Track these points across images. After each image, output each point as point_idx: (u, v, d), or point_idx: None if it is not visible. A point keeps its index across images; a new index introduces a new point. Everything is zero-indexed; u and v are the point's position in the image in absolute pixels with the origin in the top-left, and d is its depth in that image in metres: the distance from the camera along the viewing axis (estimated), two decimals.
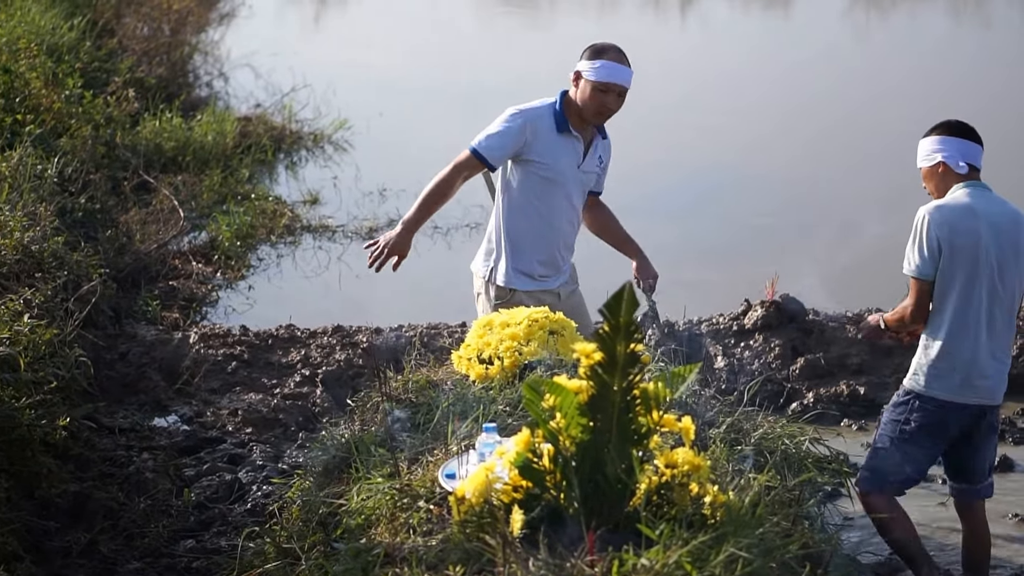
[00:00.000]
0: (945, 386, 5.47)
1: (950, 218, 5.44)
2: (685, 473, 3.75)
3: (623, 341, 3.66)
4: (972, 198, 5.50)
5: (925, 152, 5.68)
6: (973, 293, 5.45)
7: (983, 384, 5.50)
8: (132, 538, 5.95)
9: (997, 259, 5.46)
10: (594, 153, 6.24)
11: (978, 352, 5.47)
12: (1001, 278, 5.48)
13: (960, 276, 5.43)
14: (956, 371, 5.46)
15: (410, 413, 4.87)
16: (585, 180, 6.23)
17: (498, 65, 19.50)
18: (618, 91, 6.04)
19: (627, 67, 6.07)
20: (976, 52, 20.37)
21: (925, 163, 5.67)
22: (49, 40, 12.66)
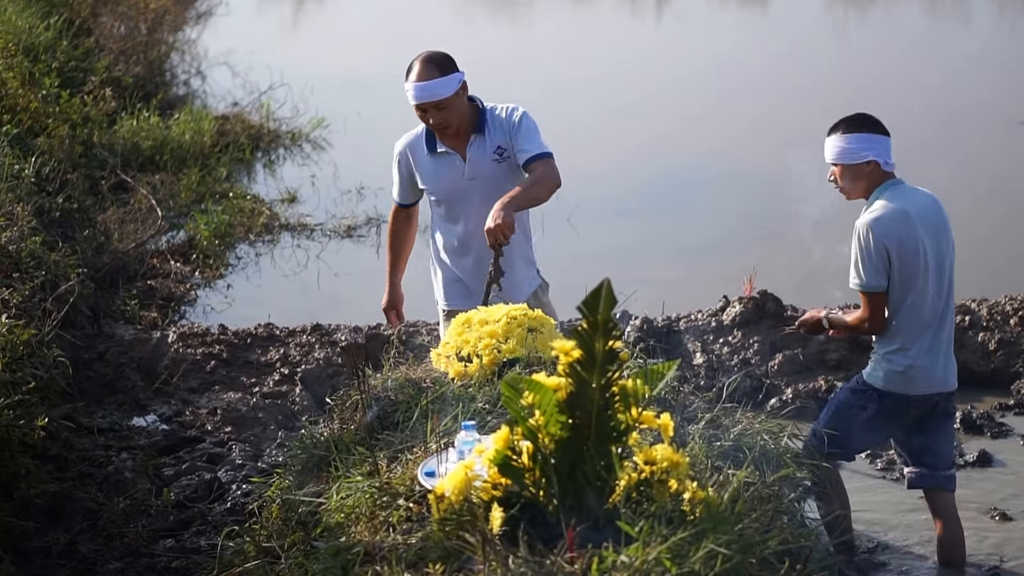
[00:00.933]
0: (904, 382, 5.66)
1: (893, 228, 5.57)
2: (664, 470, 3.76)
3: (601, 338, 3.66)
4: (901, 200, 5.64)
5: (849, 150, 5.69)
6: (923, 293, 5.62)
7: (939, 375, 5.69)
8: (111, 538, 5.94)
9: (935, 255, 5.64)
10: (481, 152, 5.91)
11: (932, 347, 5.66)
12: (940, 270, 5.66)
13: (910, 280, 5.59)
14: (914, 368, 5.64)
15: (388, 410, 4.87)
16: (491, 180, 5.87)
17: (476, 63, 19.48)
18: (434, 106, 5.80)
19: (431, 79, 5.76)
20: (954, 48, 20.43)
21: (850, 160, 5.68)
22: (25, 39, 12.61)
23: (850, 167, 5.69)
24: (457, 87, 5.80)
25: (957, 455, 7.15)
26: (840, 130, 5.73)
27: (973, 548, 6.19)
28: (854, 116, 5.76)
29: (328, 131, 14.79)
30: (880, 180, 5.69)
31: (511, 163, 5.87)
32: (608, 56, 19.32)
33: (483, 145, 5.90)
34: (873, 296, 5.61)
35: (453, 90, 5.78)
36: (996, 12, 24.49)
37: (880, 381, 5.69)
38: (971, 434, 7.49)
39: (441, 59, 5.82)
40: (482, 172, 5.89)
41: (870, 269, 5.58)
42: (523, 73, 18.28)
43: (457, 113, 5.83)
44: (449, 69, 5.81)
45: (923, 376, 5.66)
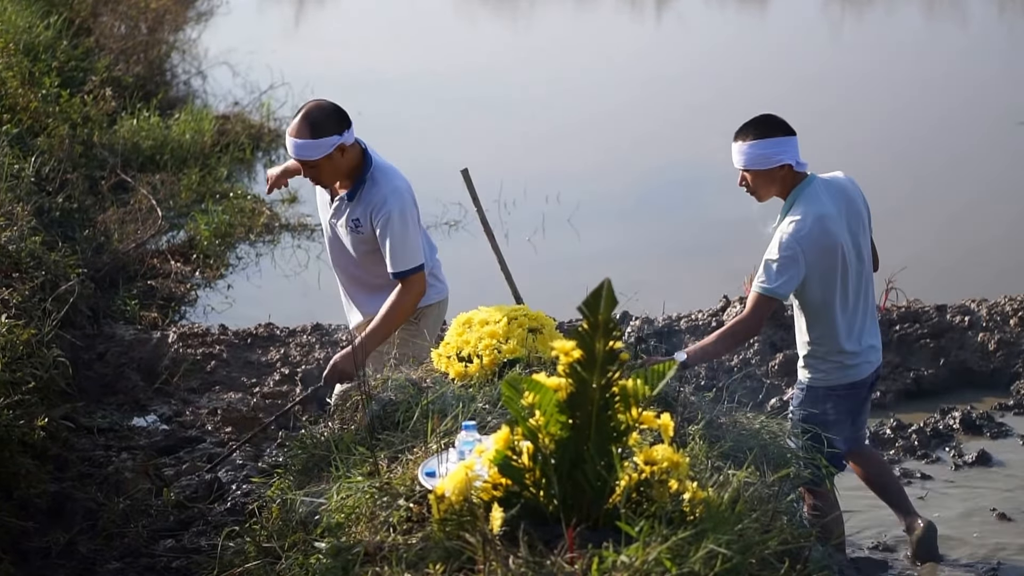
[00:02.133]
0: (847, 373, 5.80)
1: (822, 242, 5.60)
2: (664, 470, 3.76)
3: (602, 338, 3.67)
4: (818, 202, 5.63)
5: (761, 155, 5.63)
6: (849, 289, 5.71)
7: (875, 356, 5.88)
8: (111, 538, 5.94)
9: (853, 247, 5.70)
10: (343, 213, 5.89)
11: (864, 333, 5.81)
12: (860, 259, 5.74)
13: (835, 281, 5.66)
14: (854, 357, 5.78)
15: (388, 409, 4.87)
16: (345, 239, 5.93)
17: (477, 64, 19.49)
18: (303, 163, 5.75)
19: (301, 139, 5.68)
20: (952, 48, 20.43)
21: (764, 166, 5.63)
22: (25, 39, 12.61)
23: (763, 172, 5.65)
24: (328, 151, 5.66)
25: (956, 454, 7.17)
26: (750, 135, 5.65)
27: (973, 548, 6.21)
28: (761, 119, 5.71)
29: None
30: (794, 181, 5.68)
31: (366, 238, 5.85)
32: (608, 56, 19.33)
33: (347, 208, 5.86)
34: (767, 300, 5.61)
35: (322, 154, 5.66)
36: (995, 12, 24.49)
37: (825, 380, 5.79)
38: (971, 434, 7.50)
39: (320, 119, 5.70)
40: (340, 229, 5.93)
41: (782, 278, 5.56)
42: (524, 73, 18.30)
43: (329, 173, 5.76)
44: (324, 132, 5.67)
45: (860, 362, 5.80)
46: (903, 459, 7.18)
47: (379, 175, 5.82)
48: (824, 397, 5.81)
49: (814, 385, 5.82)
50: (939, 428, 7.50)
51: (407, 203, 5.83)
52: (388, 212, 5.74)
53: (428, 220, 11.79)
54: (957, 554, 6.17)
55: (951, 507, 6.63)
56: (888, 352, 8.31)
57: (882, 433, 7.41)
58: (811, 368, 5.83)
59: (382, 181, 5.81)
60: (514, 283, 7.33)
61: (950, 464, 7.13)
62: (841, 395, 5.81)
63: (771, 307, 5.69)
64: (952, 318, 8.49)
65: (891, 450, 7.24)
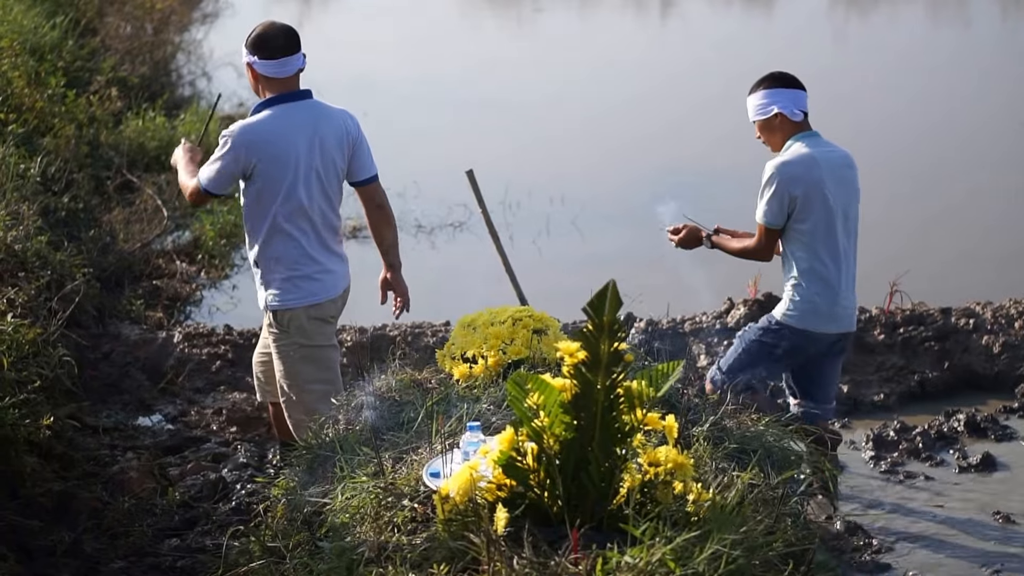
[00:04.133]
0: (815, 321, 6.14)
1: (798, 172, 6.00)
2: (669, 471, 3.77)
3: (607, 340, 3.67)
4: (811, 148, 6.06)
5: (759, 106, 6.14)
6: (831, 236, 6.08)
7: (845, 315, 6.19)
8: (116, 537, 5.95)
9: (841, 200, 6.09)
10: None
11: (840, 287, 6.14)
12: (846, 216, 6.12)
13: (818, 223, 6.03)
14: (825, 307, 6.11)
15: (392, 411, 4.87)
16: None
17: (481, 64, 19.50)
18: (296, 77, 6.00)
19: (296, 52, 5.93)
20: (956, 48, 20.42)
21: (761, 116, 6.13)
22: (31, 39, 12.62)
23: (764, 122, 6.15)
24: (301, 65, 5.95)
25: (961, 457, 7.17)
26: (752, 91, 6.19)
27: (977, 551, 6.20)
28: (765, 75, 6.23)
29: None
30: (792, 130, 6.11)
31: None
32: (613, 57, 19.33)
33: None
34: (768, 231, 6.12)
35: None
36: (998, 14, 24.47)
37: (793, 319, 6.15)
38: (975, 437, 7.50)
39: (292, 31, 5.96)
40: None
41: (771, 208, 6.05)
42: (528, 74, 18.30)
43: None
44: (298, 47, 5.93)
45: (831, 314, 6.12)
46: (907, 461, 7.18)
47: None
48: (784, 334, 6.17)
49: (782, 321, 6.17)
50: (943, 431, 7.50)
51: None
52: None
53: (433, 221, 11.83)
54: (961, 557, 6.17)
55: (955, 510, 6.63)
56: (892, 354, 8.32)
57: (886, 435, 7.40)
58: (786, 304, 6.18)
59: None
60: (519, 284, 7.35)
61: (954, 467, 7.13)
62: (799, 339, 6.15)
63: (772, 236, 6.13)
64: (957, 321, 8.48)
65: (895, 452, 7.24)
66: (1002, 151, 14.14)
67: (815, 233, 6.06)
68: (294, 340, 5.83)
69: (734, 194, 12.65)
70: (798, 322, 6.15)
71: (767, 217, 6.08)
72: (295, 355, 5.85)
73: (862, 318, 8.56)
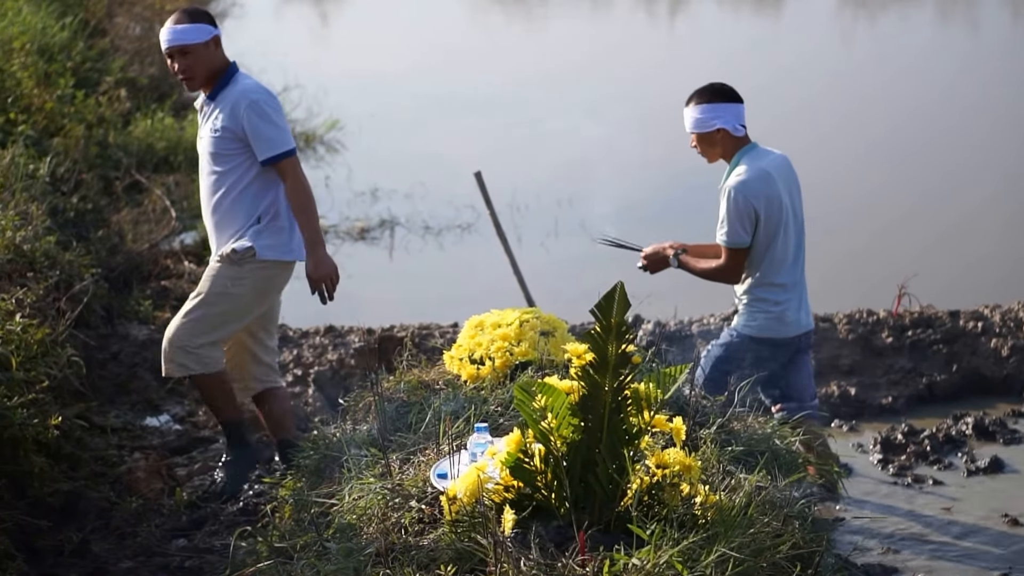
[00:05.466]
0: (779, 327, 6.21)
1: (757, 188, 6.06)
2: (676, 473, 3.77)
3: (614, 342, 3.67)
4: (760, 161, 6.13)
5: (700, 120, 6.15)
6: (785, 243, 6.17)
7: (805, 318, 6.29)
8: (124, 537, 5.96)
9: (792, 207, 6.20)
10: (207, 117, 6.09)
11: (800, 294, 6.26)
12: (796, 220, 6.24)
13: (775, 233, 6.13)
14: (787, 314, 6.20)
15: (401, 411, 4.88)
16: (205, 146, 6.09)
17: (490, 66, 19.51)
18: (177, 51, 5.98)
19: (181, 24, 5.96)
20: (966, 52, 20.40)
21: (701, 129, 6.15)
22: (41, 40, 12.64)
23: (704, 135, 6.17)
24: (206, 38, 5.98)
25: (969, 460, 7.16)
26: (693, 101, 6.18)
27: (985, 553, 6.20)
28: (707, 87, 6.22)
29: (342, 133, 14.81)
30: (735, 145, 6.16)
31: (225, 144, 6.02)
32: (622, 60, 19.33)
33: (211, 110, 6.08)
34: (736, 251, 6.12)
35: (200, 39, 5.96)
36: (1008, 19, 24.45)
37: (755, 330, 6.20)
38: (983, 440, 7.48)
39: (197, 11, 6.05)
40: (204, 135, 6.12)
41: (737, 228, 6.08)
42: (536, 76, 18.30)
43: (203, 65, 5.99)
44: (202, 20, 6.01)
45: (792, 318, 6.21)
46: (915, 464, 7.17)
47: (240, 77, 6.07)
48: (748, 346, 6.21)
49: (744, 332, 6.22)
50: (952, 434, 7.49)
51: (271, 95, 6.06)
52: (253, 99, 5.96)
53: (441, 223, 11.84)
54: (969, 560, 6.16)
55: (963, 513, 6.62)
56: (901, 357, 8.31)
57: (894, 438, 7.40)
58: (746, 316, 6.23)
59: (243, 80, 6.06)
60: (526, 286, 7.35)
61: (963, 470, 7.12)
62: (764, 349, 6.20)
63: (740, 257, 6.14)
64: (965, 324, 8.48)
65: (903, 455, 7.24)
66: (1011, 155, 14.12)
67: (775, 243, 6.13)
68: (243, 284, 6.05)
69: None
70: (759, 331, 6.20)
71: (733, 238, 6.09)
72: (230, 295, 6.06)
73: (870, 320, 8.55)
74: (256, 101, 5.93)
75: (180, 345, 6.05)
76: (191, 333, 6.05)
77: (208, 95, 6.05)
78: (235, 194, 6.03)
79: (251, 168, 6.02)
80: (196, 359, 6.07)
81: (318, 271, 5.97)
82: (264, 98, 5.97)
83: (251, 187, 6.04)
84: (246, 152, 6.00)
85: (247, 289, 6.06)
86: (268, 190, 6.05)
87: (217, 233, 6.11)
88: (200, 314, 6.05)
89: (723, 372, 6.18)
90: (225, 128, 5.97)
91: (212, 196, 6.08)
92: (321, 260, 5.97)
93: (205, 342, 6.06)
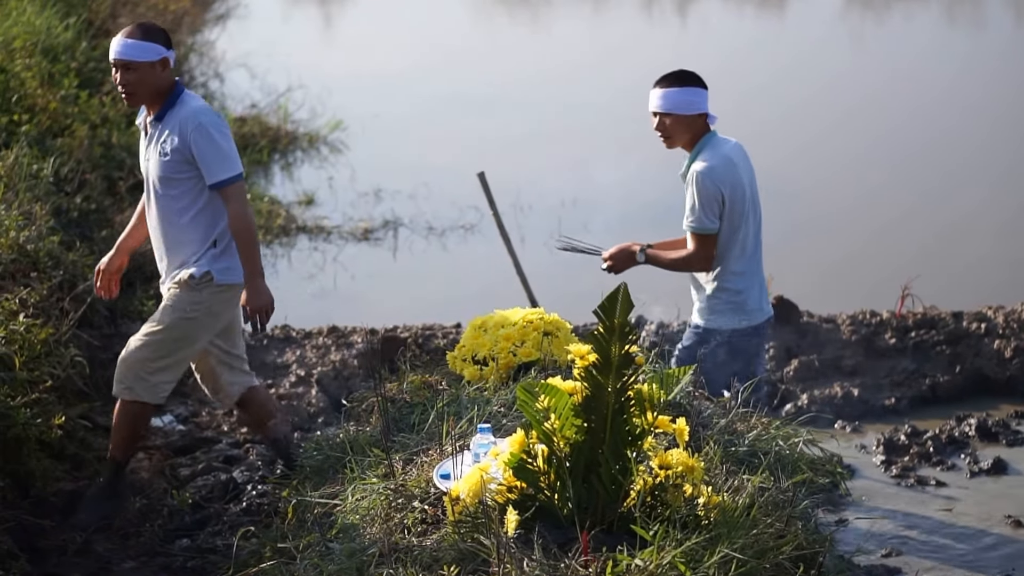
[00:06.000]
0: (742, 317, 6.23)
1: (726, 176, 6.08)
2: (679, 474, 3.77)
3: (617, 343, 3.67)
4: (723, 149, 6.15)
5: (685, 102, 6.10)
6: (747, 230, 6.19)
7: (766, 305, 6.34)
8: (127, 537, 5.96)
9: (751, 194, 6.23)
10: (153, 139, 5.94)
11: (759, 282, 6.30)
12: (757, 212, 6.27)
13: (739, 220, 6.14)
14: (748, 303, 6.23)
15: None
16: (153, 169, 5.94)
17: (493, 66, 19.51)
18: (122, 65, 5.83)
19: (131, 39, 5.82)
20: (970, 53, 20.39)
21: (686, 111, 6.09)
22: (44, 40, 12.64)
23: (684, 117, 6.11)
24: (155, 58, 5.83)
25: (972, 461, 7.15)
26: (675, 83, 6.13)
27: (988, 555, 6.19)
28: (681, 71, 6.21)
29: (346, 133, 14.81)
30: (702, 132, 6.15)
31: (173, 166, 5.88)
32: (627, 61, 19.32)
33: (157, 131, 5.92)
34: (706, 238, 6.10)
35: (148, 58, 5.82)
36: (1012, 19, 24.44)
37: (722, 323, 6.21)
38: (986, 441, 7.48)
39: (153, 28, 5.92)
40: (151, 157, 5.95)
41: (707, 213, 6.07)
42: (541, 76, 18.29)
43: (147, 84, 5.85)
44: (155, 39, 5.85)
45: (754, 306, 6.23)
46: (918, 466, 7.17)
47: (187, 98, 5.94)
48: (718, 340, 6.20)
49: (711, 327, 6.22)
50: (955, 435, 7.48)
51: (219, 117, 5.96)
52: (201, 122, 5.84)
53: (444, 223, 11.84)
54: (972, 561, 6.15)
55: (966, 514, 6.62)
56: (904, 358, 8.31)
57: (897, 439, 7.39)
58: (710, 311, 6.23)
59: (190, 101, 5.93)
60: (530, 286, 7.35)
61: (965, 471, 7.11)
62: (734, 341, 6.20)
63: (709, 243, 6.11)
64: (968, 325, 8.47)
65: (906, 456, 7.23)
66: (1014, 155, 14.11)
67: (738, 231, 6.15)
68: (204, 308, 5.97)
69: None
70: (727, 324, 6.21)
71: (702, 223, 6.08)
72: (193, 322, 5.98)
73: (874, 321, 8.55)
74: (204, 124, 5.82)
75: (136, 371, 5.94)
76: (148, 357, 5.95)
77: (155, 116, 5.91)
78: (188, 217, 5.91)
79: (203, 191, 5.90)
80: (147, 387, 5.97)
81: (256, 301, 5.89)
82: (212, 120, 5.86)
83: (205, 210, 5.92)
84: (197, 175, 5.88)
85: (203, 312, 5.98)
86: (222, 213, 5.93)
87: (169, 256, 6.00)
88: (159, 338, 5.94)
89: (715, 367, 6.17)
90: (175, 151, 5.84)
91: (164, 219, 5.95)
92: (258, 290, 5.89)
93: (161, 367, 5.96)
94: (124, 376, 5.99)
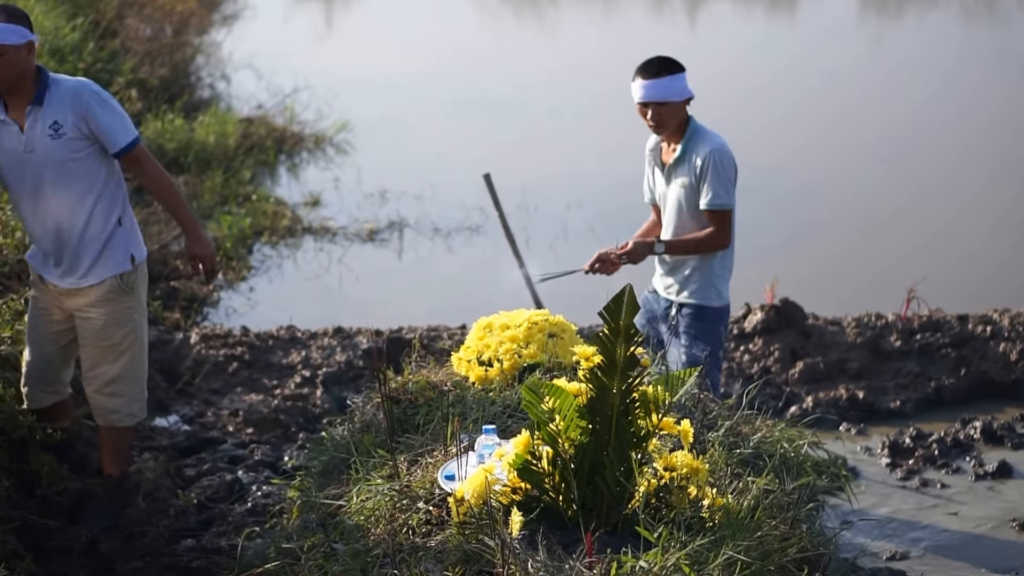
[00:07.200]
0: (727, 290, 6.26)
1: (733, 155, 6.12)
2: (684, 476, 3.77)
3: (622, 344, 3.68)
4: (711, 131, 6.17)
5: (679, 88, 6.07)
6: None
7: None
8: (132, 537, 5.97)
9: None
10: (36, 125, 5.59)
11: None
12: None
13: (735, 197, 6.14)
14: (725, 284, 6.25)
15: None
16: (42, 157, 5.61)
17: (501, 67, 19.51)
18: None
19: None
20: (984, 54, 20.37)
21: (678, 97, 6.07)
22: (52, 41, 12.67)
23: (677, 104, 6.07)
24: (22, 41, 5.50)
25: (977, 464, 7.15)
26: (663, 71, 6.06)
27: (992, 558, 6.19)
28: (661, 58, 6.13)
29: (352, 134, 14.82)
30: (686, 116, 6.15)
31: (67, 140, 5.60)
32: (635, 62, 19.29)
33: (40, 115, 5.59)
34: (725, 214, 6.09)
35: (18, 41, 5.48)
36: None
37: (722, 298, 6.21)
38: (991, 445, 7.47)
39: (16, 11, 5.58)
40: (40, 147, 5.60)
41: (729, 190, 6.09)
42: (547, 78, 18.30)
43: (14, 68, 5.50)
44: (20, 22, 5.52)
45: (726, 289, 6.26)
46: (923, 469, 7.16)
47: (60, 78, 5.67)
48: (719, 318, 6.23)
49: (712, 306, 6.20)
50: (960, 438, 7.48)
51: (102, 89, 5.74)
52: (93, 90, 5.63)
53: (450, 224, 11.84)
54: (977, 565, 6.15)
55: (971, 517, 6.62)
56: (909, 361, 8.31)
57: (902, 442, 7.39)
58: (707, 289, 6.19)
59: (62, 80, 5.67)
60: (534, 288, 7.34)
61: (970, 474, 7.11)
62: (725, 316, 6.27)
63: (728, 219, 6.13)
64: (974, 328, 8.47)
65: (911, 459, 7.23)
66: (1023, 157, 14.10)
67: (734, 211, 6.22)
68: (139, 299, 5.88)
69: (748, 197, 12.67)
70: (724, 300, 6.25)
71: (726, 199, 6.07)
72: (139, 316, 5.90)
73: (879, 324, 8.55)
74: (97, 92, 5.61)
75: (134, 395, 5.92)
76: (137, 375, 5.92)
77: (33, 100, 5.56)
78: (91, 200, 5.69)
79: (101, 166, 5.67)
80: (143, 401, 5.99)
81: (202, 250, 5.77)
82: (99, 88, 5.65)
83: (107, 188, 5.71)
84: (95, 150, 5.64)
85: (141, 301, 5.88)
86: (118, 187, 5.74)
87: (75, 250, 5.73)
88: (130, 354, 5.88)
89: (718, 353, 6.22)
90: (72, 128, 5.58)
91: (64, 210, 5.67)
92: (201, 239, 5.77)
93: (143, 372, 5.96)
94: (123, 405, 5.94)
